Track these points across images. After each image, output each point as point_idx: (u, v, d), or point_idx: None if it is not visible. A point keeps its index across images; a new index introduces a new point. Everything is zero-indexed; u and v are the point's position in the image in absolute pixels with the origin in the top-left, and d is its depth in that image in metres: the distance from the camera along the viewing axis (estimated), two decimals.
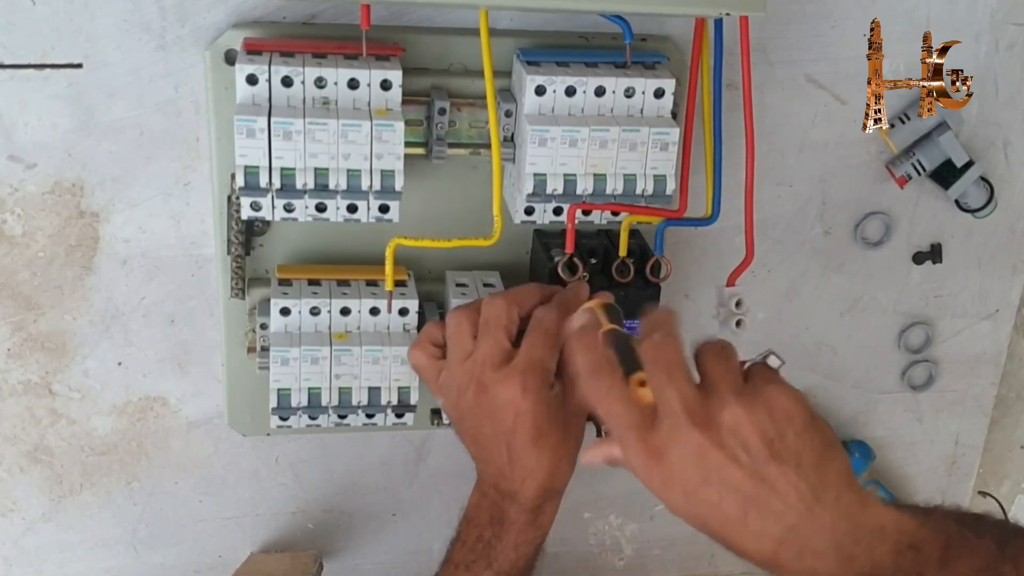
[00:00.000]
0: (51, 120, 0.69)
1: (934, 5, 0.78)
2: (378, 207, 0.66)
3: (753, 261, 0.73)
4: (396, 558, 0.90)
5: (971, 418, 0.96)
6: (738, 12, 0.64)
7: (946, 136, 0.80)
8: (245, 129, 0.63)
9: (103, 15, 0.66)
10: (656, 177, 0.68)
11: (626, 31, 0.67)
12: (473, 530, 0.69)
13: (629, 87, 0.68)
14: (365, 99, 0.65)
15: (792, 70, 0.78)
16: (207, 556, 0.86)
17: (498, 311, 0.65)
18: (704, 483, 0.51)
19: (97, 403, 0.78)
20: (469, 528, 0.69)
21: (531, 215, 0.69)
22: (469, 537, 0.69)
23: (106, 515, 0.82)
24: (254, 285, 0.74)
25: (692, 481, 0.52)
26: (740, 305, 0.72)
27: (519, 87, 0.69)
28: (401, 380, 0.72)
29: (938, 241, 0.87)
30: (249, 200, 0.65)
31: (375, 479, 0.86)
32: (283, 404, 0.71)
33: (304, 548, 0.87)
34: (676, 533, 0.95)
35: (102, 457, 0.80)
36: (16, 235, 0.71)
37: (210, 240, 0.74)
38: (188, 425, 0.80)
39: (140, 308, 0.76)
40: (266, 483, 0.84)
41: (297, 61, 0.65)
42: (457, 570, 0.69)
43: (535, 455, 0.65)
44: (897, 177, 0.82)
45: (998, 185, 0.85)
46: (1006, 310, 0.92)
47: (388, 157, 0.65)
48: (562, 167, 0.67)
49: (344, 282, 0.73)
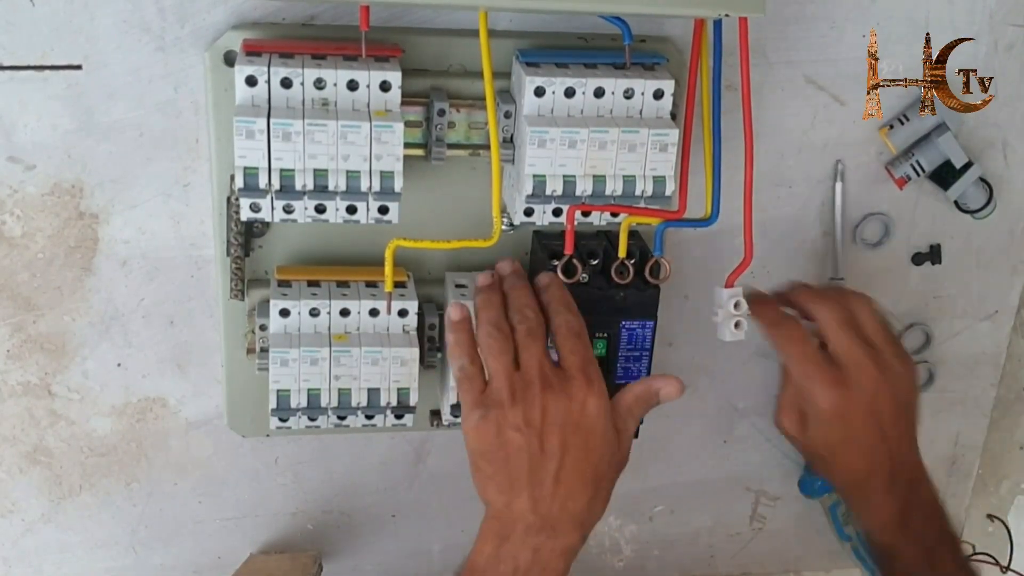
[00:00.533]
0: (50, 121, 0.69)
1: (933, 6, 0.78)
2: (377, 208, 0.66)
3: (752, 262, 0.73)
4: (396, 559, 0.90)
5: (970, 419, 0.96)
6: (737, 13, 0.63)
7: (945, 137, 0.80)
8: (244, 130, 0.63)
9: (103, 16, 0.66)
10: (655, 178, 0.68)
11: (625, 32, 0.67)
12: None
13: (628, 88, 0.68)
14: (364, 100, 0.65)
15: (791, 71, 0.78)
16: (206, 557, 0.86)
17: (531, 319, 0.67)
18: (868, 416, 0.72)
19: (96, 404, 0.78)
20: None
21: (530, 216, 0.69)
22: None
23: (105, 516, 0.82)
24: (253, 286, 0.74)
25: (861, 411, 0.72)
26: (739, 306, 0.72)
27: (518, 88, 0.69)
28: (400, 381, 0.72)
29: (937, 242, 0.87)
30: (248, 201, 0.65)
31: (375, 480, 0.86)
32: (282, 405, 0.71)
33: (304, 549, 0.87)
34: (675, 534, 0.96)
35: (101, 458, 0.80)
36: (15, 236, 0.71)
37: (209, 241, 0.74)
38: (187, 426, 0.80)
39: (139, 309, 0.76)
40: (266, 484, 0.84)
41: (296, 62, 0.65)
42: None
43: (590, 460, 0.64)
44: (896, 178, 0.82)
45: (997, 186, 0.85)
46: (1005, 311, 0.92)
47: (387, 158, 0.65)
48: (561, 168, 0.67)
49: (343, 283, 0.73)
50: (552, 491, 0.64)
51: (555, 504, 0.64)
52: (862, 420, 0.73)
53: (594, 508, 0.67)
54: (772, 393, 0.90)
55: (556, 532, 0.64)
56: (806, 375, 0.73)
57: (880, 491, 0.74)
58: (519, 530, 0.64)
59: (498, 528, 0.65)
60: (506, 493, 0.65)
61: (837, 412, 0.72)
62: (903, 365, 0.74)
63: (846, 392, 0.72)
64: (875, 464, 0.74)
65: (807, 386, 0.73)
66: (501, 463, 0.64)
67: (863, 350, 0.73)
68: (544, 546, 0.64)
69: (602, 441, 0.65)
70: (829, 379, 0.72)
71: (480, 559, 0.65)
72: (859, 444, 0.74)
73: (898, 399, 0.73)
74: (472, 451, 0.66)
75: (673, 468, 0.92)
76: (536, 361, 0.65)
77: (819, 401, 0.72)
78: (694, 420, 0.90)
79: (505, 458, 0.64)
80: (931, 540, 0.75)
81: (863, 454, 0.74)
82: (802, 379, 0.73)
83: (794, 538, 0.98)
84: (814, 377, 0.73)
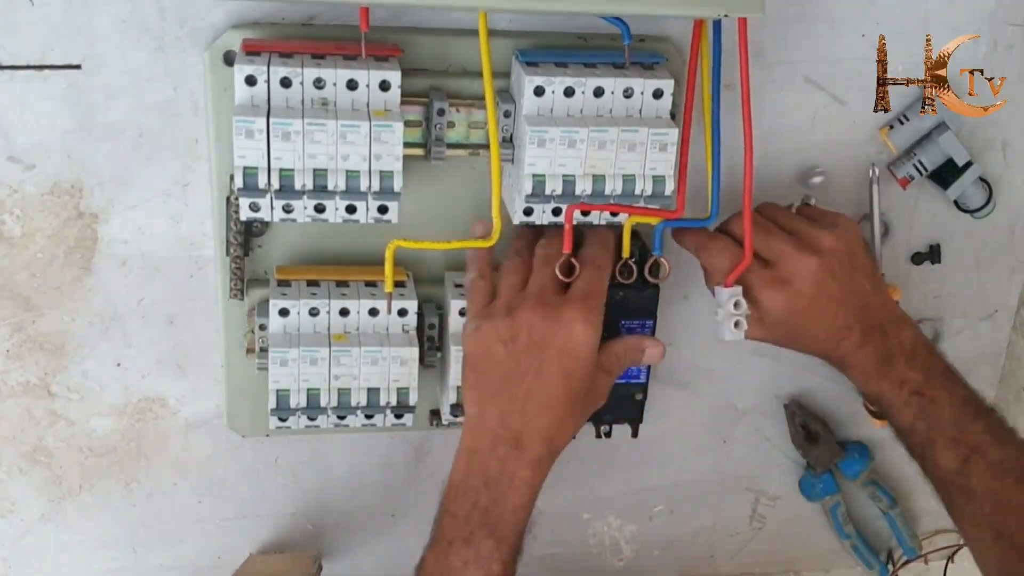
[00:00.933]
0: (50, 121, 0.68)
1: (933, 5, 0.78)
2: (377, 208, 0.66)
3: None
4: (395, 558, 0.90)
5: None
6: (737, 13, 0.63)
7: (946, 136, 0.80)
8: (244, 130, 0.63)
9: (102, 16, 0.66)
10: (655, 178, 0.68)
11: (625, 33, 0.67)
12: (465, 500, 0.66)
13: (628, 88, 0.68)
14: (364, 100, 0.66)
15: (791, 71, 0.78)
16: (206, 557, 0.86)
17: (552, 252, 0.70)
18: (816, 296, 0.71)
19: (96, 404, 0.78)
20: (459, 499, 0.67)
21: (530, 216, 0.69)
22: (461, 509, 0.66)
23: (105, 516, 0.82)
24: (253, 286, 0.74)
25: (807, 295, 0.71)
26: (739, 306, 0.72)
27: (518, 88, 0.69)
28: (400, 381, 0.72)
29: (937, 242, 0.87)
30: (248, 201, 0.65)
31: (374, 480, 0.86)
32: (282, 405, 0.71)
33: (303, 549, 0.87)
34: (675, 534, 0.96)
35: (101, 458, 0.80)
36: (15, 236, 0.71)
37: (209, 241, 0.74)
38: (187, 426, 0.80)
39: (139, 309, 0.76)
40: (265, 484, 0.84)
41: (296, 62, 0.65)
42: (452, 546, 0.66)
43: (564, 384, 0.66)
44: (899, 178, 0.82)
45: (997, 185, 0.85)
46: (1005, 311, 0.92)
47: (387, 158, 0.65)
48: (561, 168, 0.67)
49: (343, 283, 0.73)
50: (522, 407, 0.66)
51: (523, 419, 0.66)
52: (814, 304, 0.72)
53: (564, 427, 0.68)
54: (772, 393, 0.91)
55: (521, 444, 0.66)
56: (746, 285, 0.72)
57: (853, 348, 0.74)
58: (487, 442, 0.67)
59: (469, 442, 0.68)
60: (480, 404, 0.68)
61: (787, 309, 0.72)
62: (832, 232, 0.73)
63: (786, 287, 0.72)
64: (842, 330, 0.73)
65: (751, 295, 0.72)
66: (482, 373, 0.68)
67: (782, 240, 0.73)
68: (510, 456, 0.66)
69: (582, 369, 0.67)
70: (767, 281, 0.72)
71: (456, 477, 0.68)
72: (820, 322, 0.73)
73: (841, 263, 0.72)
74: (464, 360, 0.70)
75: (673, 468, 0.92)
76: (540, 283, 0.69)
77: (766, 305, 0.72)
78: (694, 420, 0.90)
79: (486, 369, 0.67)
80: (917, 383, 0.74)
81: (828, 329, 0.73)
82: (746, 290, 0.73)
83: (794, 538, 0.98)
84: (752, 285, 0.72)
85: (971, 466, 0.72)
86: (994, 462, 0.72)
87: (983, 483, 0.72)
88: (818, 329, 0.74)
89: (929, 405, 0.74)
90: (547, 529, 0.92)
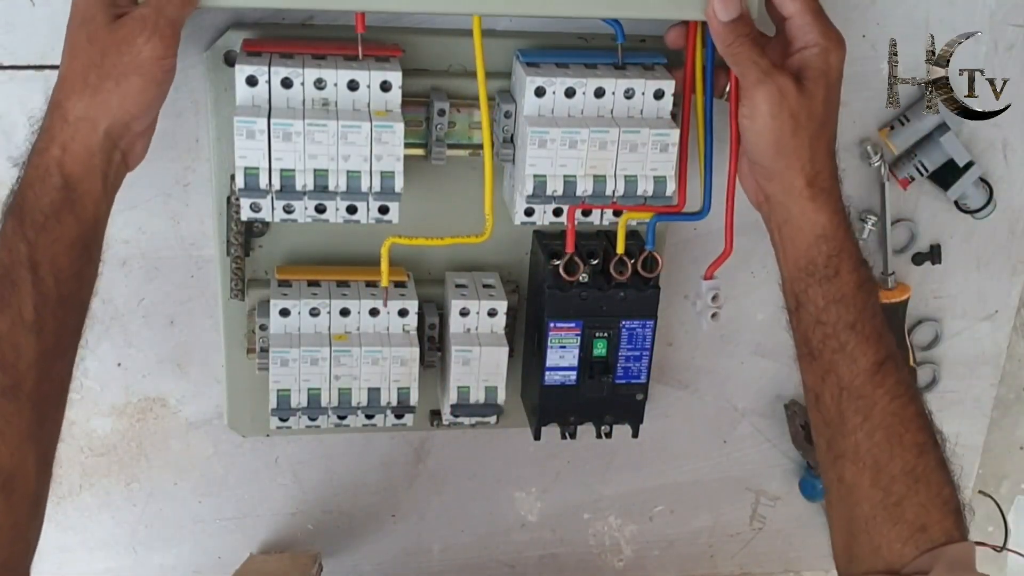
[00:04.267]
0: None
1: (933, 6, 0.78)
2: (378, 208, 0.66)
3: (752, 262, 0.73)
4: (395, 558, 0.90)
5: (971, 419, 0.96)
6: None
7: (948, 136, 0.80)
8: (245, 130, 0.63)
9: None
10: (656, 178, 0.68)
11: (618, 31, 0.67)
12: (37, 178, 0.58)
13: (629, 88, 0.68)
14: (365, 100, 0.66)
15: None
16: (206, 557, 0.86)
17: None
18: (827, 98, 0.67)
19: (97, 404, 0.78)
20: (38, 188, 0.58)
21: (531, 216, 0.69)
22: (41, 199, 0.58)
23: (105, 516, 0.82)
24: (253, 286, 0.74)
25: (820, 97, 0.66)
26: (716, 299, 0.73)
27: (519, 88, 0.69)
28: (401, 381, 0.72)
29: (937, 242, 0.87)
30: (249, 201, 0.65)
31: (374, 480, 0.86)
32: (283, 405, 0.71)
33: (304, 549, 0.87)
34: (675, 534, 0.96)
35: (101, 458, 0.80)
36: None
37: (210, 241, 0.74)
38: (188, 426, 0.80)
39: (140, 309, 0.76)
40: (266, 484, 0.84)
41: (297, 62, 0.65)
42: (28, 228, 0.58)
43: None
44: (900, 179, 0.82)
45: (997, 186, 0.85)
46: (1005, 311, 0.92)
47: (388, 158, 0.65)
48: (562, 168, 0.67)
49: (344, 283, 0.73)
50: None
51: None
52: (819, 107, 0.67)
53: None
54: (772, 393, 0.91)
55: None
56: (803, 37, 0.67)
57: (805, 198, 0.66)
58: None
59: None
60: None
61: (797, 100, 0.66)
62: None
63: (802, 77, 0.66)
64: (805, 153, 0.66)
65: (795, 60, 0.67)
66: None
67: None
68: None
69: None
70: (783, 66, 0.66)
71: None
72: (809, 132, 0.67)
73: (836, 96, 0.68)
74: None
75: (673, 468, 0.92)
76: None
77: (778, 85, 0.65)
78: (694, 420, 0.90)
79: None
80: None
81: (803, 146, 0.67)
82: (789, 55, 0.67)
83: (794, 538, 0.98)
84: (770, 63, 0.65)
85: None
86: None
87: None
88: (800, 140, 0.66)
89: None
90: (547, 529, 0.92)
